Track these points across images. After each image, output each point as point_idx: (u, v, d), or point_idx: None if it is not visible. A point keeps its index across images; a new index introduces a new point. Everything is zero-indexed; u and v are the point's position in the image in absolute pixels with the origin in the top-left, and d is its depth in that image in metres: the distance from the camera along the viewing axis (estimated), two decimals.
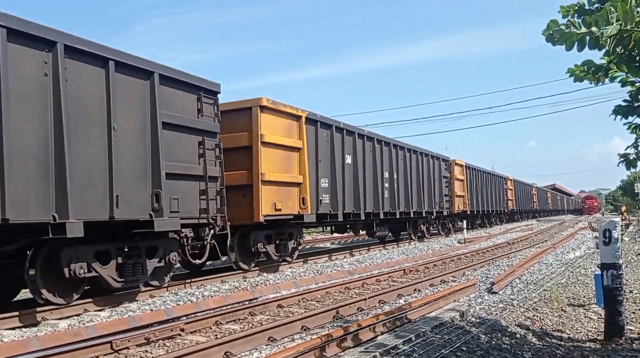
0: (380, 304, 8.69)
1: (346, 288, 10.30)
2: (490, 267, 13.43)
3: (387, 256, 16.98)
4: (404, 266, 13.50)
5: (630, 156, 4.69)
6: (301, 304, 8.92)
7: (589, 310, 8.66)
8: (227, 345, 5.84)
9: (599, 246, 7.21)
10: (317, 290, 9.83)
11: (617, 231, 6.98)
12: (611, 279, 6.81)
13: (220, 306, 8.84)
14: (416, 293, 9.86)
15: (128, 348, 6.22)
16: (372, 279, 11.32)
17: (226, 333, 6.96)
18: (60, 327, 7.52)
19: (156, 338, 6.57)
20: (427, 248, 19.72)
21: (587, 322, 8.01)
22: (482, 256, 16.61)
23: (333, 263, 14.67)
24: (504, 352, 6.03)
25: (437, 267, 13.89)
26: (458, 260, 15.41)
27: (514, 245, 20.87)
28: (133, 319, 7.49)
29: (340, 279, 11.77)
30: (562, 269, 13.00)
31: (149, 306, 8.92)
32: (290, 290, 10.30)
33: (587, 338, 7.08)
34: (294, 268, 13.73)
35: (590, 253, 17.02)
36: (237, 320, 7.73)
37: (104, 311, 8.56)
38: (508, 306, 8.45)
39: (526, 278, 11.28)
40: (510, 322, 7.49)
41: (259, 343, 6.23)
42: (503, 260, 15.11)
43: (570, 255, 16.48)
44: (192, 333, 6.99)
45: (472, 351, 5.77)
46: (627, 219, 38.91)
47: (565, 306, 8.86)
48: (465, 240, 23.51)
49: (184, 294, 9.94)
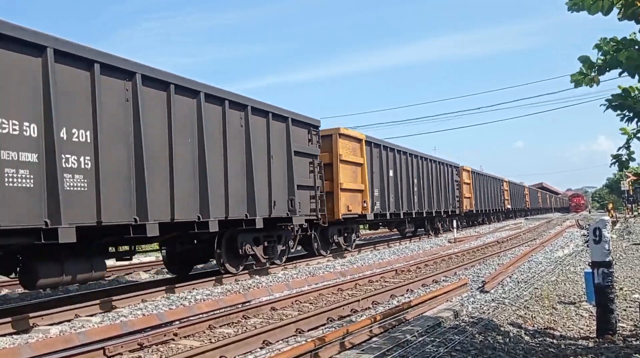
0: (374, 305, 8.70)
1: (339, 289, 10.30)
2: (481, 266, 13.51)
3: (378, 257, 17.02)
4: (396, 267, 13.54)
5: (623, 157, 4.74)
6: (294, 306, 8.91)
7: (580, 308, 8.74)
8: (221, 349, 5.81)
9: (590, 244, 7.28)
10: (310, 292, 9.82)
11: (607, 229, 7.05)
12: (602, 277, 6.88)
13: (213, 310, 8.81)
14: (409, 293, 9.89)
15: (121, 354, 6.17)
16: (364, 280, 11.34)
17: (220, 337, 6.93)
18: (52, 333, 7.44)
19: (149, 344, 6.52)
20: (417, 248, 19.81)
21: (579, 320, 8.08)
22: (472, 255, 16.70)
23: (325, 265, 14.65)
24: (497, 351, 6.06)
25: (429, 267, 13.95)
26: (449, 260, 15.49)
27: (504, 244, 21.02)
28: (125, 324, 7.43)
29: (333, 280, 11.77)
30: (552, 267, 13.10)
31: (141, 311, 8.85)
32: (283, 293, 10.29)
33: (580, 336, 7.13)
34: (287, 271, 13.72)
35: (579, 250, 17.19)
36: (231, 323, 7.70)
37: (95, 316, 8.49)
38: (500, 305, 8.50)
39: (517, 277, 11.35)
40: (502, 321, 7.52)
41: (253, 347, 6.21)
42: (493, 258, 15.21)
43: (559, 252, 16.63)
44: (185, 338, 6.95)
45: (466, 350, 5.79)
46: (614, 216, 39.37)
47: (556, 304, 8.93)
48: (456, 239, 23.63)
49: (176, 298, 9.88)
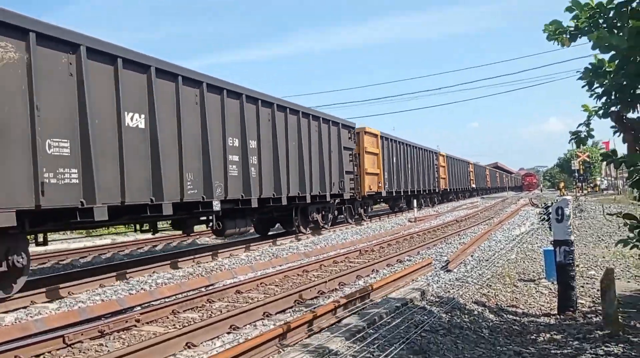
0: (341, 286, 8.67)
1: (304, 271, 10.23)
2: (443, 245, 13.70)
3: (342, 237, 17.04)
4: (360, 247, 13.57)
5: (582, 134, 4.79)
6: (260, 289, 8.79)
7: (540, 285, 8.95)
8: (188, 335, 5.65)
9: (552, 223, 7.42)
10: (275, 274, 9.71)
11: (569, 208, 7.19)
12: (564, 255, 7.04)
13: (175, 293, 8.61)
14: (375, 273, 9.91)
15: (82, 342, 5.93)
16: (329, 261, 11.30)
17: (184, 322, 6.76)
18: (7, 321, 7.10)
19: (111, 331, 6.30)
20: (379, 228, 19.95)
21: (539, 297, 8.27)
22: (433, 234, 16.95)
23: (288, 246, 14.55)
24: (465, 330, 6.13)
25: (392, 246, 14.04)
26: (411, 239, 15.65)
27: (463, 223, 21.43)
28: (84, 311, 7.17)
29: (298, 262, 11.70)
30: (511, 245, 13.41)
31: (99, 296, 8.56)
32: (247, 275, 10.15)
33: (541, 313, 7.30)
34: (249, 252, 13.55)
35: (535, 228, 17.69)
36: (195, 308, 7.52)
37: (52, 303, 8.15)
38: (464, 284, 8.61)
39: (478, 256, 11.56)
40: (467, 300, 7.62)
41: (220, 332, 6.06)
42: (454, 237, 15.46)
43: (516, 231, 17.06)
44: (148, 324, 6.75)
45: (435, 331, 5.82)
46: (565, 195, 40.76)
47: (517, 282, 9.12)
48: (416, 218, 23.95)
49: (135, 283, 9.61)
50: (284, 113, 15.00)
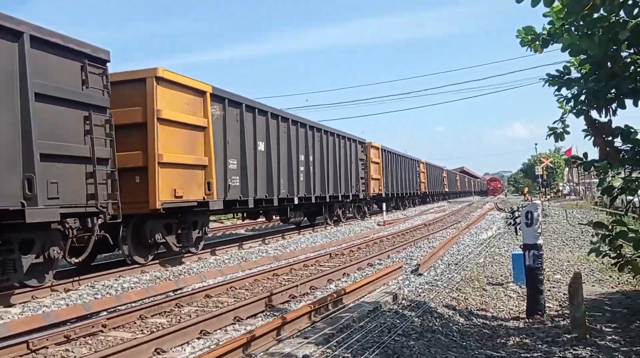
0: (312, 290, 8.62)
1: (274, 274, 10.15)
2: (413, 249, 13.80)
3: (310, 241, 17.00)
4: (330, 251, 13.56)
5: (558, 130, 4.90)
6: (230, 293, 8.67)
7: (508, 289, 9.08)
8: (157, 340, 5.52)
9: (522, 227, 7.53)
10: (245, 278, 9.60)
11: (538, 213, 7.31)
12: (533, 259, 7.15)
13: (142, 298, 8.41)
14: (346, 277, 9.90)
15: (47, 348, 5.74)
16: (299, 264, 11.25)
17: (152, 327, 6.60)
18: None
19: (77, 336, 6.12)
20: (348, 231, 19.99)
21: (508, 300, 8.39)
22: (403, 238, 17.06)
23: (257, 250, 14.44)
24: (436, 334, 6.16)
25: (362, 250, 14.07)
26: (381, 243, 15.71)
27: (431, 226, 21.64)
28: (48, 315, 6.95)
29: (268, 265, 11.60)
30: (479, 250, 13.59)
31: (64, 300, 8.32)
32: (216, 279, 10.01)
33: (510, 317, 7.40)
34: (218, 256, 13.38)
35: (502, 233, 17.99)
36: (164, 313, 7.37)
37: (14, 307, 7.87)
38: (434, 288, 8.67)
39: (447, 259, 11.67)
40: (438, 303, 7.67)
41: (190, 337, 5.95)
42: (423, 241, 15.60)
43: (483, 235, 17.32)
44: (115, 329, 6.58)
45: (408, 335, 5.83)
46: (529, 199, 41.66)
47: (486, 286, 9.23)
48: (385, 222, 24.08)
49: (101, 287, 9.37)
50: (327, 136, 21.27)
